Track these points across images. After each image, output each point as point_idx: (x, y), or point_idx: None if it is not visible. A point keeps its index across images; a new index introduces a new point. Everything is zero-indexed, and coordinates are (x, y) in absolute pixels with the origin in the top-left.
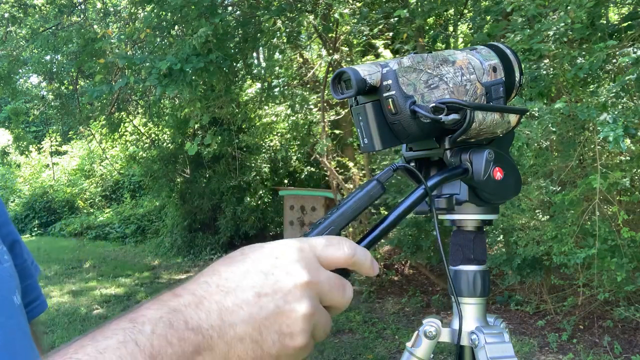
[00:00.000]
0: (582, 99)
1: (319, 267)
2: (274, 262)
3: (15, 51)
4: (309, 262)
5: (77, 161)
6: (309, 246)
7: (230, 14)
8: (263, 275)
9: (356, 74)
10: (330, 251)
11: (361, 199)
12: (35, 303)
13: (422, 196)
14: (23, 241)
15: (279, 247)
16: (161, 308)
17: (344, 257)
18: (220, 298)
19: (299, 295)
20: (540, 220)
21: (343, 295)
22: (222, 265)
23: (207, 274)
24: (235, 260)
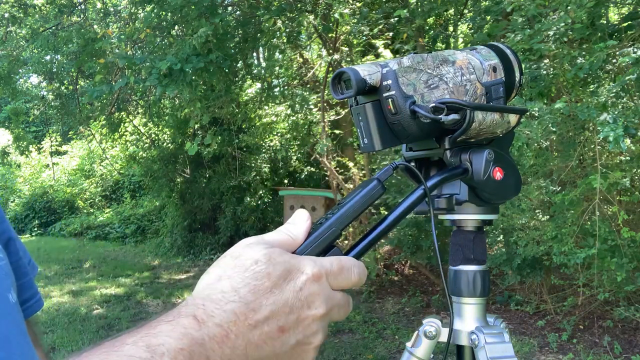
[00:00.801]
0: (582, 99)
1: (333, 294)
2: (298, 295)
3: (15, 51)
4: (326, 292)
5: (77, 161)
6: (326, 275)
7: (230, 14)
8: (288, 308)
9: (356, 74)
10: (343, 278)
11: (362, 200)
12: (32, 301)
13: (422, 196)
14: (19, 239)
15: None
16: (183, 338)
17: (352, 283)
18: (247, 332)
19: (315, 328)
20: (540, 220)
21: (347, 312)
22: (248, 292)
23: (233, 300)
24: (263, 288)
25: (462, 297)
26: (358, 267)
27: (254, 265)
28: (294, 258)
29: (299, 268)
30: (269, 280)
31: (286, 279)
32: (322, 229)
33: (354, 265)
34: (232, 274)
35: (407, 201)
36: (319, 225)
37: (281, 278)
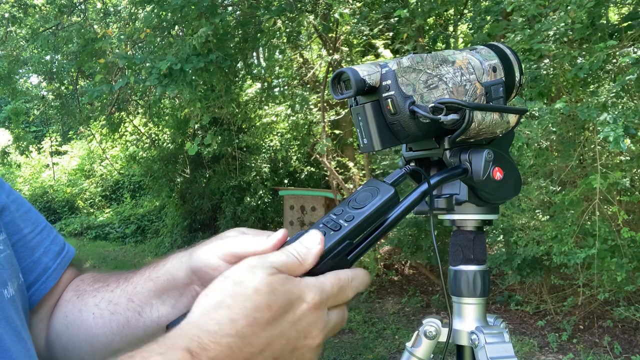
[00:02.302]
0: (582, 99)
1: (330, 319)
2: (296, 327)
3: (15, 51)
4: (324, 320)
5: (77, 161)
6: (326, 299)
7: (230, 14)
8: (285, 340)
9: (355, 74)
10: (341, 298)
11: (379, 211)
12: (38, 283)
13: (422, 196)
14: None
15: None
16: None
17: (349, 298)
18: None
19: (309, 357)
20: (540, 220)
21: (341, 326)
22: (246, 326)
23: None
24: (263, 320)
25: (462, 297)
26: (356, 279)
27: (255, 295)
28: (296, 286)
29: (300, 296)
30: (269, 312)
31: (286, 311)
32: (338, 239)
33: (352, 279)
34: (231, 303)
35: (407, 201)
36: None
37: (281, 309)
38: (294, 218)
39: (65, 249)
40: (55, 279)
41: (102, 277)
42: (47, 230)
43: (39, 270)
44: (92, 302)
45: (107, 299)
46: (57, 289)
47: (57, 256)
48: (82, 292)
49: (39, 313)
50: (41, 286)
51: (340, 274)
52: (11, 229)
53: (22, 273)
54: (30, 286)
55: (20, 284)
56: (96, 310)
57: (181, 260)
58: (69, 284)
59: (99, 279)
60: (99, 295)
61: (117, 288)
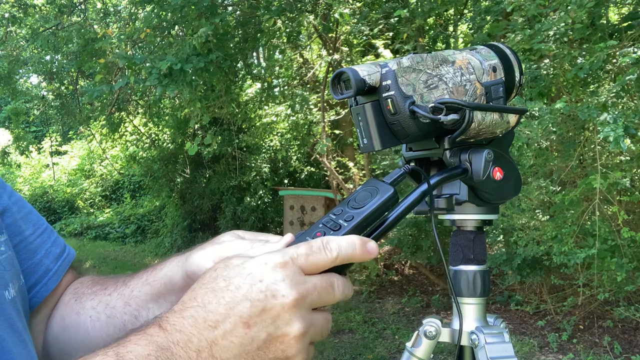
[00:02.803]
0: (582, 99)
1: (304, 279)
2: (259, 286)
3: (15, 51)
4: (293, 278)
5: (77, 161)
6: (291, 259)
7: (230, 14)
8: (249, 302)
9: (355, 74)
10: (313, 259)
11: (379, 210)
12: (39, 285)
13: (422, 196)
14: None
15: (260, 268)
16: (149, 344)
17: (329, 261)
18: (209, 334)
19: (288, 317)
20: (540, 220)
21: (333, 294)
22: (205, 295)
23: (191, 306)
24: (218, 288)
25: (462, 297)
26: (335, 241)
27: (212, 272)
28: (252, 257)
29: (258, 262)
30: (224, 280)
31: (242, 275)
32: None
33: (327, 241)
34: (194, 287)
35: (407, 201)
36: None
37: (237, 276)
38: (294, 218)
39: (65, 251)
40: (56, 281)
41: (100, 280)
42: (48, 232)
43: (40, 272)
44: (89, 305)
45: (105, 303)
46: (57, 291)
47: (57, 258)
48: (80, 295)
49: (38, 315)
50: (42, 288)
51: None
52: (13, 230)
53: (24, 275)
54: (31, 288)
55: (21, 285)
56: (93, 313)
57: (178, 264)
58: (68, 287)
59: (98, 282)
60: (97, 299)
61: (115, 292)
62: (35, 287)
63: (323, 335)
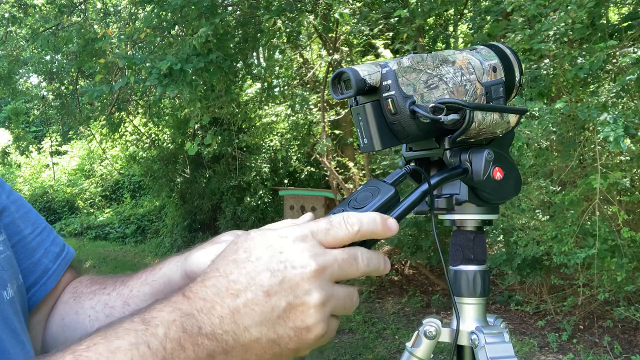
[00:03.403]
0: (582, 99)
1: (324, 251)
2: (279, 257)
3: (15, 51)
4: (313, 249)
5: (77, 161)
6: (311, 233)
7: (230, 14)
8: (269, 273)
9: (356, 74)
10: (334, 233)
11: (379, 210)
12: (38, 285)
13: (422, 195)
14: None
15: (280, 240)
16: (174, 311)
17: (351, 235)
18: (231, 302)
19: (307, 287)
20: (540, 220)
21: (357, 267)
22: (227, 265)
23: (214, 276)
24: (240, 259)
25: (462, 297)
26: (355, 216)
27: (232, 245)
28: (272, 230)
29: (278, 235)
30: (245, 252)
31: (263, 246)
32: None
33: (348, 216)
34: (214, 260)
35: (407, 201)
36: None
37: (258, 247)
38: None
39: (65, 250)
40: (55, 280)
41: (99, 280)
42: (47, 231)
43: (39, 272)
44: (88, 304)
45: (104, 302)
46: (56, 290)
47: (56, 257)
48: (79, 294)
49: (37, 314)
50: (41, 288)
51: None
52: (11, 230)
53: (22, 274)
54: (30, 287)
55: (20, 285)
56: (92, 312)
57: (177, 264)
58: (67, 286)
59: (97, 281)
60: (96, 298)
61: (114, 291)
62: (34, 286)
63: (347, 309)
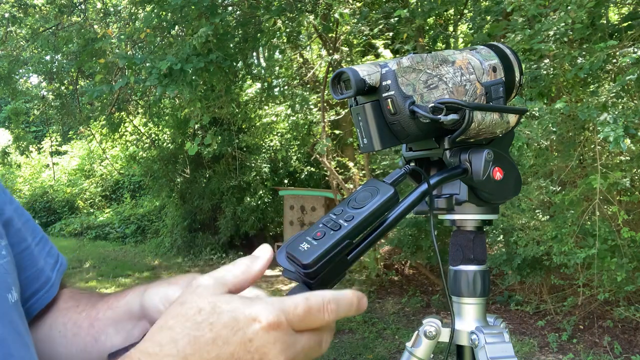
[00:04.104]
0: (582, 99)
1: (295, 340)
2: (248, 347)
3: (15, 51)
4: (285, 340)
5: (77, 161)
6: (286, 320)
7: (230, 14)
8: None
9: (355, 74)
10: (310, 321)
11: (379, 211)
12: (41, 292)
13: (422, 196)
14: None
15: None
16: None
17: (327, 322)
18: None
19: None
20: (540, 220)
21: (319, 351)
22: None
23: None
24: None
25: (462, 297)
26: (336, 301)
27: (197, 315)
28: (244, 304)
29: (250, 316)
30: (211, 332)
31: (233, 329)
32: (338, 238)
33: (328, 301)
34: (173, 324)
35: (407, 201)
36: (331, 230)
37: (226, 328)
38: (294, 218)
39: (59, 261)
40: (56, 289)
41: (76, 296)
42: (44, 240)
43: (42, 280)
44: (60, 320)
45: (73, 321)
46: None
47: (53, 267)
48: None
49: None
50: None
51: (311, 295)
52: (18, 237)
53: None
54: (33, 294)
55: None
56: (62, 329)
57: (137, 295)
58: None
59: (73, 297)
60: (68, 315)
61: (84, 312)
62: (37, 293)
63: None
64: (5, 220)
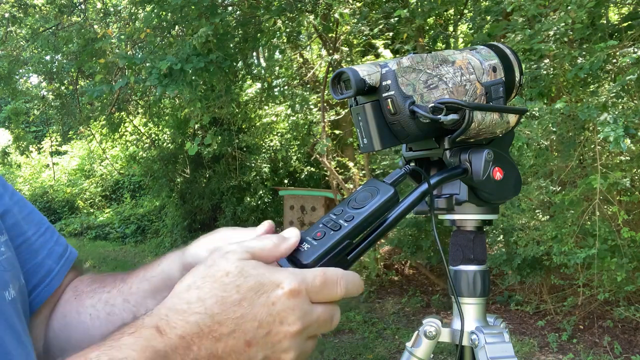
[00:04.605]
0: (582, 99)
1: (311, 309)
2: (270, 310)
3: (15, 51)
4: (303, 307)
5: (77, 161)
6: (305, 289)
7: (230, 14)
8: (257, 323)
9: (355, 74)
10: (326, 293)
11: (379, 211)
12: (41, 286)
13: (422, 196)
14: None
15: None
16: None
17: (338, 296)
18: (211, 345)
19: (287, 345)
20: (540, 220)
21: (330, 326)
22: (214, 303)
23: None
24: (230, 301)
25: (462, 297)
26: (345, 279)
27: (224, 277)
28: (269, 271)
29: (274, 281)
30: (237, 293)
31: (257, 292)
32: (338, 238)
33: (340, 277)
34: (201, 284)
35: (407, 201)
36: (331, 230)
37: (252, 291)
38: (294, 218)
39: (67, 250)
40: (59, 281)
41: (99, 278)
42: (50, 231)
43: (42, 273)
44: (89, 303)
45: (104, 300)
46: (58, 291)
47: (60, 258)
48: (79, 293)
49: (39, 315)
50: (44, 289)
51: (327, 270)
52: (15, 231)
53: (26, 275)
54: (34, 289)
55: (22, 286)
56: (93, 311)
57: (175, 259)
58: (69, 285)
59: (97, 280)
60: (96, 297)
61: (114, 289)
62: (38, 287)
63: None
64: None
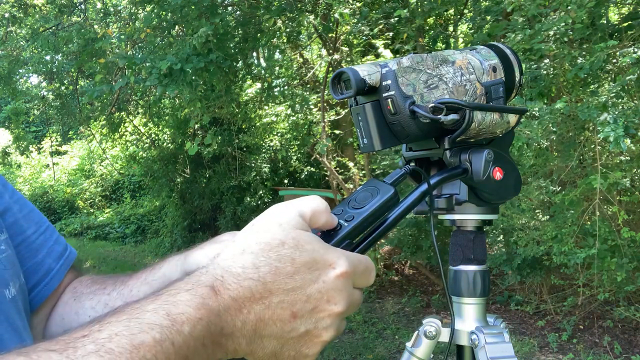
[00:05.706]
0: (582, 99)
1: (353, 293)
2: (320, 287)
3: (15, 51)
4: (348, 290)
5: (77, 161)
6: (354, 272)
7: (230, 14)
8: (306, 297)
9: (355, 74)
10: (365, 279)
11: (379, 211)
12: (41, 285)
13: (422, 195)
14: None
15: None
16: (201, 308)
17: (368, 284)
18: (260, 310)
19: (329, 323)
20: (540, 220)
21: (356, 309)
22: (268, 272)
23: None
24: (284, 272)
25: (462, 297)
26: (374, 270)
27: (280, 247)
28: (323, 248)
29: (327, 261)
30: (292, 266)
31: (311, 268)
32: (338, 239)
33: (373, 268)
34: (256, 250)
35: (407, 201)
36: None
37: (305, 266)
38: None
39: (67, 250)
40: (58, 280)
41: (99, 280)
42: (49, 230)
43: (42, 272)
44: (88, 304)
45: (104, 302)
46: (58, 290)
47: (59, 257)
48: (79, 295)
49: (39, 314)
50: (44, 288)
51: (367, 257)
52: (15, 230)
53: (26, 274)
54: (34, 287)
55: (22, 284)
56: (92, 313)
57: (176, 264)
58: (68, 286)
59: (97, 281)
60: (96, 298)
61: (114, 291)
62: (37, 286)
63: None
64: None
